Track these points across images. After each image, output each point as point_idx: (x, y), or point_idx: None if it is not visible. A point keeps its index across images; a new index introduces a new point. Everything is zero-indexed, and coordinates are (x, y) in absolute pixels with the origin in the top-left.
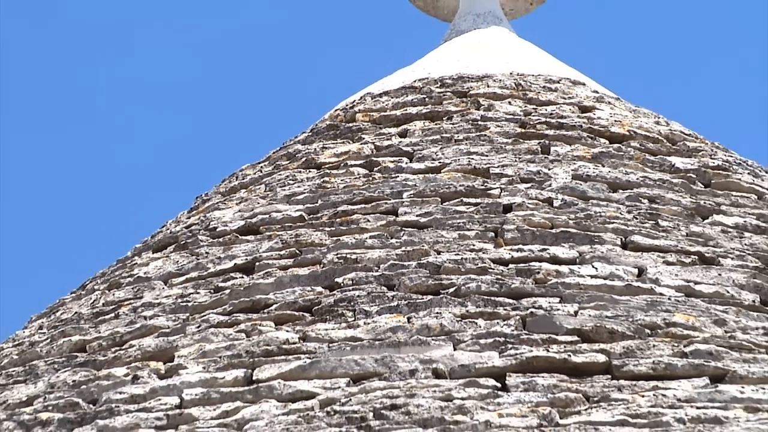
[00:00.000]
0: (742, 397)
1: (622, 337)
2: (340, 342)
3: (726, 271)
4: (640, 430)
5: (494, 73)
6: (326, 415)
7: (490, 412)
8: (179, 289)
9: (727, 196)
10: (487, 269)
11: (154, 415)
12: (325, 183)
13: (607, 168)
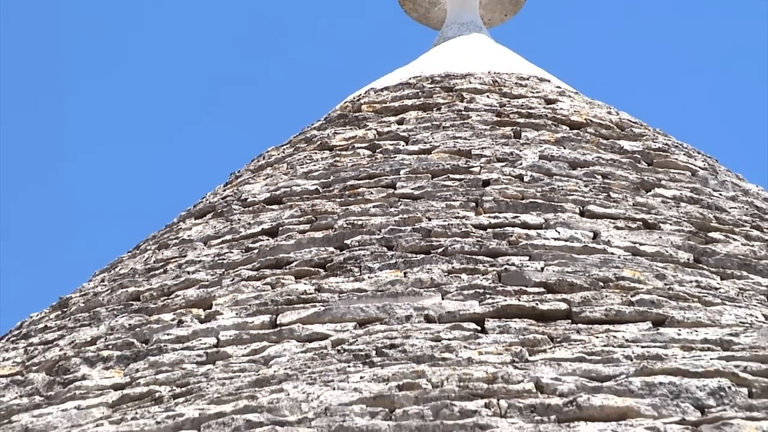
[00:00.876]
0: (679, 338)
1: (580, 288)
2: (348, 293)
3: (665, 235)
4: (595, 366)
5: (475, 72)
6: (337, 352)
7: (471, 350)
8: (216, 249)
9: (666, 173)
10: (469, 233)
11: (196, 353)
12: (336, 162)
13: (568, 150)
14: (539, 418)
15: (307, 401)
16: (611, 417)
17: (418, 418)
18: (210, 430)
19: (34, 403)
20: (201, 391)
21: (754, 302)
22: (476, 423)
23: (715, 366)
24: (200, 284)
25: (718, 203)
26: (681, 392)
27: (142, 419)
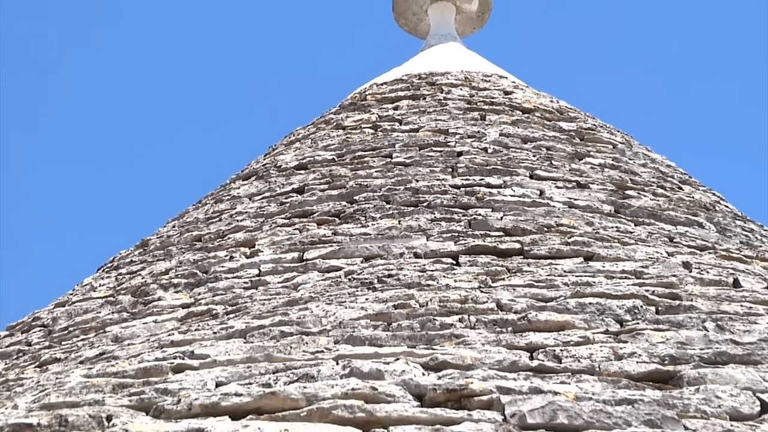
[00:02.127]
0: (603, 269)
1: (530, 232)
2: (356, 236)
3: (593, 192)
4: (541, 290)
5: (451, 71)
6: (348, 280)
7: (449, 278)
8: (258, 203)
9: (593, 146)
10: (447, 191)
11: (243, 280)
12: (347, 138)
13: (520, 129)
14: (499, 329)
15: (326, 317)
16: (553, 328)
17: (409, 330)
18: (253, 338)
19: (123, 318)
20: (247, 309)
21: (660, 243)
22: (452, 333)
23: (630, 290)
24: (246, 229)
25: (633, 168)
26: (605, 310)
27: (203, 330)
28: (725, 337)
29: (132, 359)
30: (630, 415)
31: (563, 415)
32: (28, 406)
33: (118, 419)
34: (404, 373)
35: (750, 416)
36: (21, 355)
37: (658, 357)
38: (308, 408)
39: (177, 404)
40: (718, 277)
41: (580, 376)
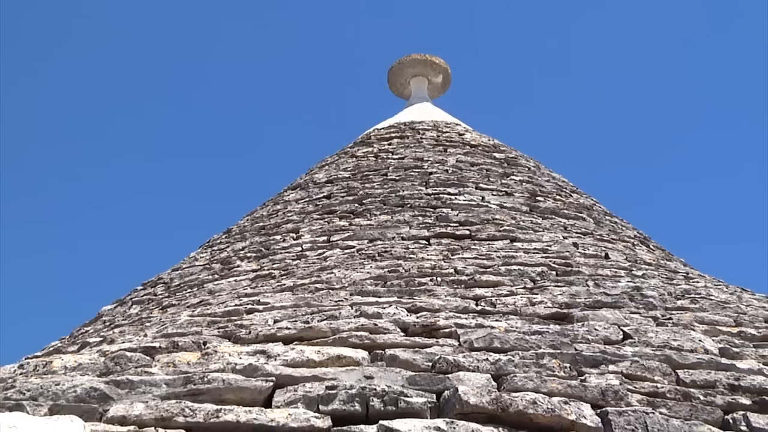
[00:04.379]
0: (522, 248)
1: (475, 224)
2: (364, 226)
3: (515, 198)
4: (483, 261)
5: (425, 120)
6: (358, 254)
7: (423, 253)
8: (301, 205)
9: (515, 168)
10: (422, 197)
11: (291, 254)
12: (358, 163)
13: (469, 157)
14: (456, 286)
15: (344, 278)
16: (490, 285)
17: (398, 286)
18: (297, 291)
19: (214, 278)
20: (293, 273)
21: (558, 231)
22: (426, 288)
23: (539, 261)
24: (293, 221)
25: (540, 182)
26: (524, 273)
27: (265, 286)
28: (600, 290)
29: (220, 305)
30: (540, 341)
31: (497, 341)
32: (153, 335)
33: (210, 344)
34: (395, 314)
35: (616, 341)
36: (150, 302)
37: (558, 304)
38: (333, 337)
39: (248, 334)
40: (595, 252)
41: (508, 316)
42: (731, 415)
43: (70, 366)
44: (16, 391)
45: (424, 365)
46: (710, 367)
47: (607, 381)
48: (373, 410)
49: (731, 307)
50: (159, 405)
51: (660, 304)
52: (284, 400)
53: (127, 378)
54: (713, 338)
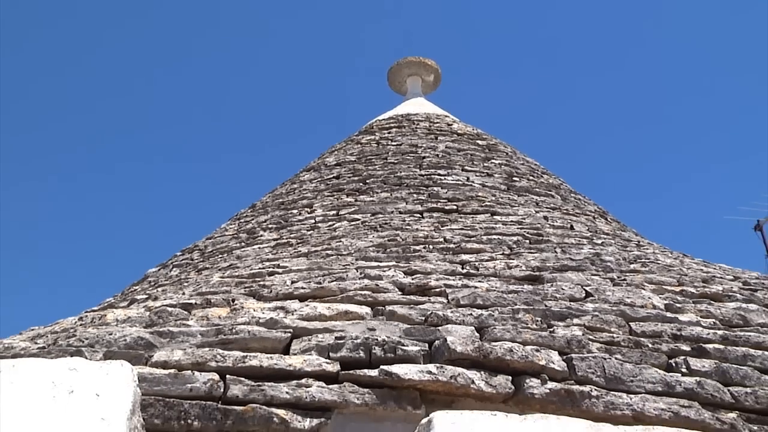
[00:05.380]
0: (500, 220)
1: (461, 200)
2: (367, 202)
3: (495, 178)
4: (468, 231)
5: (419, 113)
6: (363, 226)
7: (418, 225)
8: (314, 184)
9: (495, 153)
10: (417, 178)
11: (305, 225)
12: (363, 149)
13: (456, 144)
14: (445, 253)
15: (351, 246)
16: (474, 252)
17: (396, 253)
18: (311, 257)
19: (241, 246)
20: (308, 242)
21: (531, 206)
22: (420, 255)
23: (515, 231)
24: (308, 198)
25: (516, 165)
26: (502, 242)
27: (284, 253)
28: (566, 256)
29: (246, 268)
30: (515, 299)
31: (480, 299)
32: (190, 293)
33: (238, 301)
34: (393, 277)
35: (580, 299)
36: (187, 266)
37: (531, 267)
38: (341, 295)
39: (270, 293)
40: (562, 224)
41: (489, 278)
42: (674, 359)
43: (121, 319)
44: (77, 339)
45: (418, 319)
46: (657, 320)
47: (571, 332)
48: (375, 357)
49: (675, 270)
50: (195, 352)
51: (616, 267)
52: (300, 348)
53: (168, 329)
54: (660, 296)
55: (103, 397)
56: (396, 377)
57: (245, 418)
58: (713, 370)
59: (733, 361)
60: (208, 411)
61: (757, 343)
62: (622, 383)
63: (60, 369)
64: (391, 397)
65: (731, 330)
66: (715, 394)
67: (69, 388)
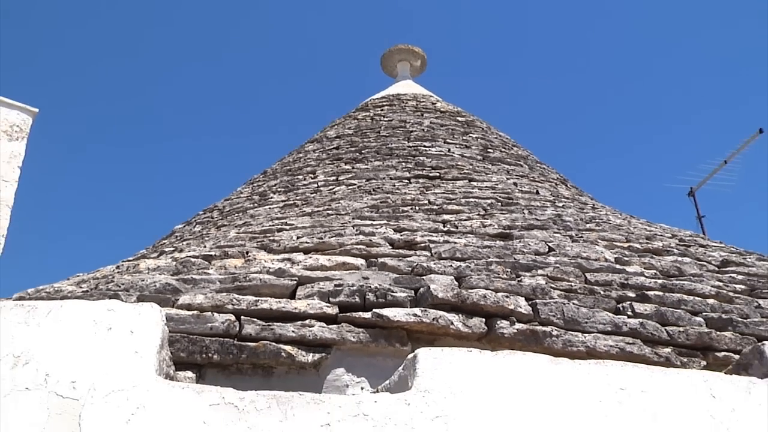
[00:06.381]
0: (476, 186)
1: (443, 168)
2: (363, 169)
3: (472, 150)
4: (448, 195)
5: (407, 93)
6: (359, 190)
7: (405, 189)
8: (317, 153)
9: (473, 128)
10: (405, 149)
11: (309, 189)
12: (359, 123)
13: (439, 120)
14: (429, 213)
15: (348, 206)
16: (454, 212)
17: (387, 213)
18: (314, 216)
19: (253, 206)
20: (311, 203)
21: (503, 174)
22: (407, 215)
23: (489, 195)
24: (311, 166)
25: (491, 139)
26: (478, 203)
27: (291, 212)
28: (532, 217)
29: (258, 225)
30: (489, 253)
31: (459, 253)
32: (210, 246)
33: (251, 253)
34: (385, 233)
35: (543, 253)
36: (208, 223)
37: (502, 226)
38: (339, 249)
39: (278, 246)
40: (530, 190)
41: (466, 235)
42: (621, 304)
43: (152, 268)
44: (114, 284)
45: (406, 270)
46: (608, 271)
47: (536, 281)
48: (368, 302)
49: (623, 229)
50: (214, 296)
51: (574, 226)
52: (304, 294)
53: (192, 277)
54: (611, 251)
55: (136, 334)
56: (386, 319)
57: (257, 353)
58: (653, 312)
59: (669, 305)
60: (226, 346)
61: (689, 290)
62: (578, 324)
63: (100, 309)
64: (382, 335)
65: (669, 279)
66: (654, 332)
67: (107, 325)
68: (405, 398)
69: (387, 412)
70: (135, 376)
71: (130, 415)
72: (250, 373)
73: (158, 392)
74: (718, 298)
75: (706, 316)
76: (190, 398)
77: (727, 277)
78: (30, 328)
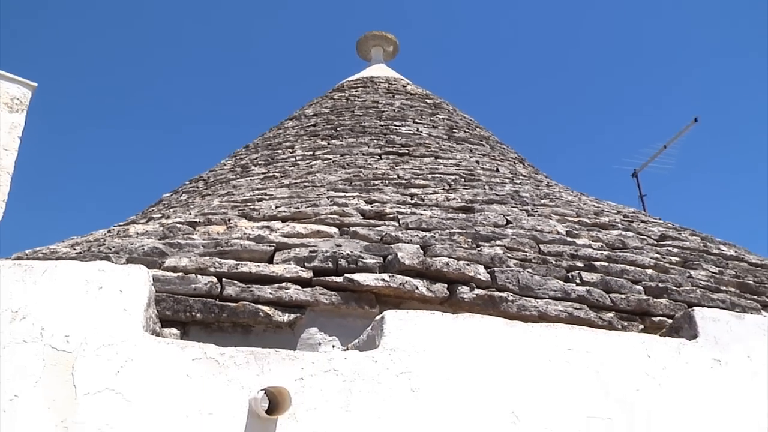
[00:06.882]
0: (441, 163)
1: (412, 146)
2: (337, 145)
3: (439, 128)
4: (415, 170)
5: (380, 76)
6: (334, 164)
7: (377, 164)
8: (296, 129)
9: (439, 110)
10: (377, 127)
11: (288, 162)
12: (335, 103)
13: (409, 102)
14: (398, 187)
15: (323, 179)
16: (421, 186)
17: (359, 186)
18: (291, 188)
19: (236, 177)
20: (289, 175)
21: (466, 153)
22: (378, 188)
23: (454, 171)
24: (290, 141)
25: (456, 120)
26: (443, 179)
27: (270, 184)
28: (492, 192)
29: (239, 195)
30: (452, 224)
31: (424, 224)
32: (195, 214)
33: (233, 220)
34: (356, 204)
35: (502, 225)
36: (194, 192)
37: (465, 200)
38: (315, 218)
39: (258, 215)
40: (490, 168)
41: (432, 207)
42: (571, 273)
43: (140, 232)
44: (105, 247)
45: (376, 238)
46: (560, 243)
47: (494, 251)
48: (340, 267)
49: (574, 205)
50: (198, 259)
51: (530, 202)
52: (281, 258)
53: (177, 241)
54: (562, 225)
55: (125, 293)
56: (357, 283)
57: (237, 312)
58: (599, 281)
59: (613, 275)
60: (208, 306)
61: (631, 261)
62: (532, 291)
63: (91, 270)
64: (353, 298)
65: (613, 251)
66: (599, 299)
67: (99, 284)
68: (372, 356)
69: (356, 368)
70: (124, 331)
71: (119, 368)
72: (230, 331)
73: (145, 347)
74: (656, 269)
75: (645, 284)
76: (174, 353)
77: (665, 250)
78: (27, 285)
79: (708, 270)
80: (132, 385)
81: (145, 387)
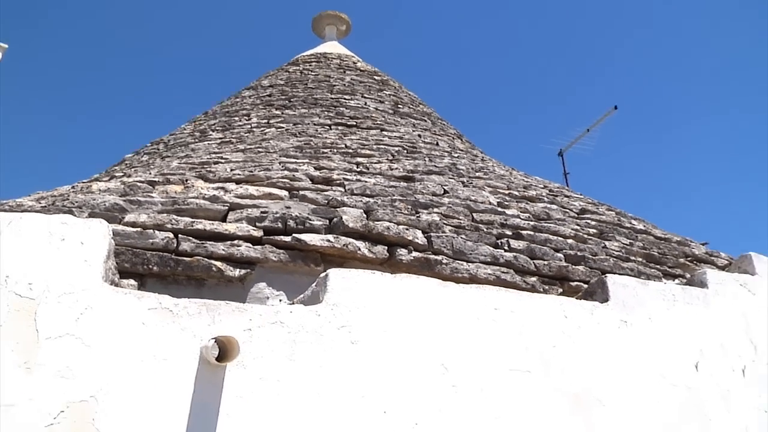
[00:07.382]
0: (386, 134)
1: (360, 119)
2: (291, 116)
3: (386, 103)
4: (361, 141)
5: (333, 53)
6: (287, 132)
7: (327, 134)
8: (252, 99)
9: (387, 87)
10: (328, 100)
11: (244, 129)
12: (290, 76)
13: (359, 77)
14: (345, 156)
15: (276, 147)
16: (366, 156)
17: (309, 153)
18: (246, 153)
19: (195, 141)
20: (245, 141)
21: (410, 126)
22: (327, 156)
23: (398, 143)
24: (246, 110)
25: (401, 96)
26: (387, 150)
27: (226, 148)
28: (432, 164)
29: (197, 158)
30: (394, 192)
31: (368, 190)
32: (155, 174)
33: (190, 181)
34: (306, 171)
35: (439, 194)
36: (154, 153)
37: (407, 170)
38: (267, 181)
39: (214, 176)
40: (431, 141)
41: (376, 176)
42: (500, 240)
43: (103, 189)
44: (69, 202)
45: (323, 202)
46: (491, 212)
47: (432, 218)
48: (289, 227)
49: (506, 179)
50: (156, 216)
51: (466, 174)
52: (234, 218)
53: (137, 198)
54: (494, 196)
55: (86, 245)
56: (304, 242)
57: (192, 267)
58: (525, 248)
59: (538, 243)
60: (165, 260)
61: (554, 231)
62: (464, 255)
63: (55, 222)
64: (300, 257)
65: (539, 222)
66: (525, 264)
67: (61, 236)
68: (316, 310)
69: (300, 321)
70: (84, 281)
71: (79, 315)
72: (184, 284)
73: (104, 296)
74: (575, 239)
75: (566, 252)
76: (131, 302)
77: (584, 222)
78: None
79: (620, 241)
80: (91, 331)
81: (104, 333)
